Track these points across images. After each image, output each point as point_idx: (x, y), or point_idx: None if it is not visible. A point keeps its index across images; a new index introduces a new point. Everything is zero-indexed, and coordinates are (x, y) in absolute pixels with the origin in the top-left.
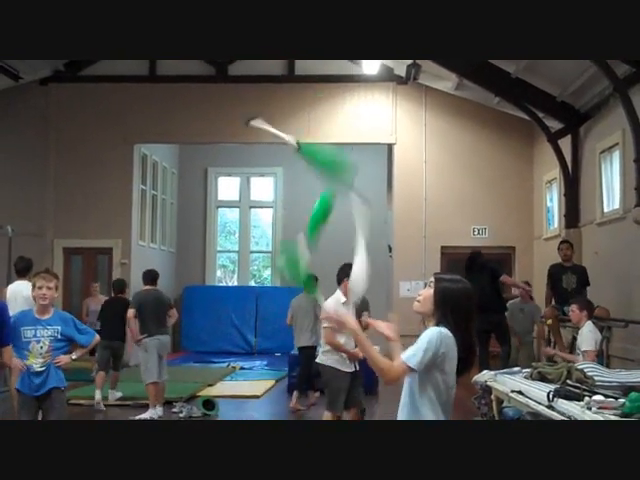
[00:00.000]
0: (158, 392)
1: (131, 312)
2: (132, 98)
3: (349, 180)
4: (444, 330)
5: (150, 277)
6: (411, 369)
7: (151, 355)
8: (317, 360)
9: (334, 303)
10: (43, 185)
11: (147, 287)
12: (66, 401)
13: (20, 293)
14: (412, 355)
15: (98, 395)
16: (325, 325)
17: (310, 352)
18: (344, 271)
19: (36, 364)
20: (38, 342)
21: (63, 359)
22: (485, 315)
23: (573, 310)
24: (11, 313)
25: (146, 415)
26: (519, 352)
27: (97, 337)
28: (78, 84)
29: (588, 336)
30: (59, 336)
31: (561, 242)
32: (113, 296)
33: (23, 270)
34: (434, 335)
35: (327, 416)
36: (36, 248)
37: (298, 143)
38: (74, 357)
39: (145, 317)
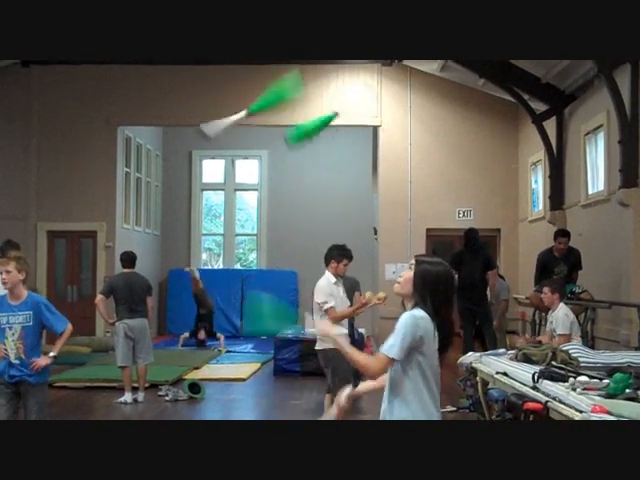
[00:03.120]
0: (127, 376)
1: (98, 297)
2: (116, 80)
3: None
4: (418, 312)
5: (126, 259)
6: (393, 360)
7: (118, 339)
8: (317, 347)
9: (326, 283)
10: (26, 168)
11: (125, 270)
12: (52, 384)
13: None
14: (391, 346)
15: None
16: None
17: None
18: (335, 252)
19: (11, 352)
20: (11, 329)
21: (40, 363)
22: (471, 294)
23: (545, 293)
24: None
25: (120, 399)
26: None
27: (70, 326)
28: (61, 65)
29: (564, 319)
30: (31, 322)
31: (560, 234)
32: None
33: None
34: (408, 321)
35: (329, 398)
36: (19, 231)
37: (248, 110)
38: (53, 355)
39: (117, 301)
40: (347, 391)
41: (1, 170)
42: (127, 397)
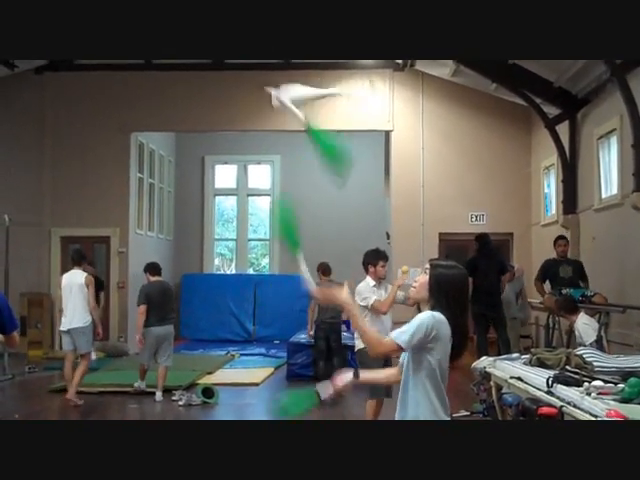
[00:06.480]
0: (144, 371)
1: (142, 308)
2: (129, 86)
3: (346, 169)
4: (437, 314)
5: (155, 269)
6: (400, 347)
7: (147, 342)
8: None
9: (364, 286)
10: (40, 174)
11: (153, 279)
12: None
13: (75, 282)
14: (401, 333)
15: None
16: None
17: None
18: (370, 257)
19: None
20: None
21: None
22: (486, 299)
23: (566, 317)
24: (65, 301)
25: (135, 384)
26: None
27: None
28: (74, 73)
29: (585, 329)
30: None
31: (559, 238)
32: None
33: (78, 259)
34: (425, 318)
35: (371, 404)
36: (33, 237)
37: (308, 125)
38: None
39: (149, 308)
40: (349, 375)
41: (15, 176)
42: (141, 384)
